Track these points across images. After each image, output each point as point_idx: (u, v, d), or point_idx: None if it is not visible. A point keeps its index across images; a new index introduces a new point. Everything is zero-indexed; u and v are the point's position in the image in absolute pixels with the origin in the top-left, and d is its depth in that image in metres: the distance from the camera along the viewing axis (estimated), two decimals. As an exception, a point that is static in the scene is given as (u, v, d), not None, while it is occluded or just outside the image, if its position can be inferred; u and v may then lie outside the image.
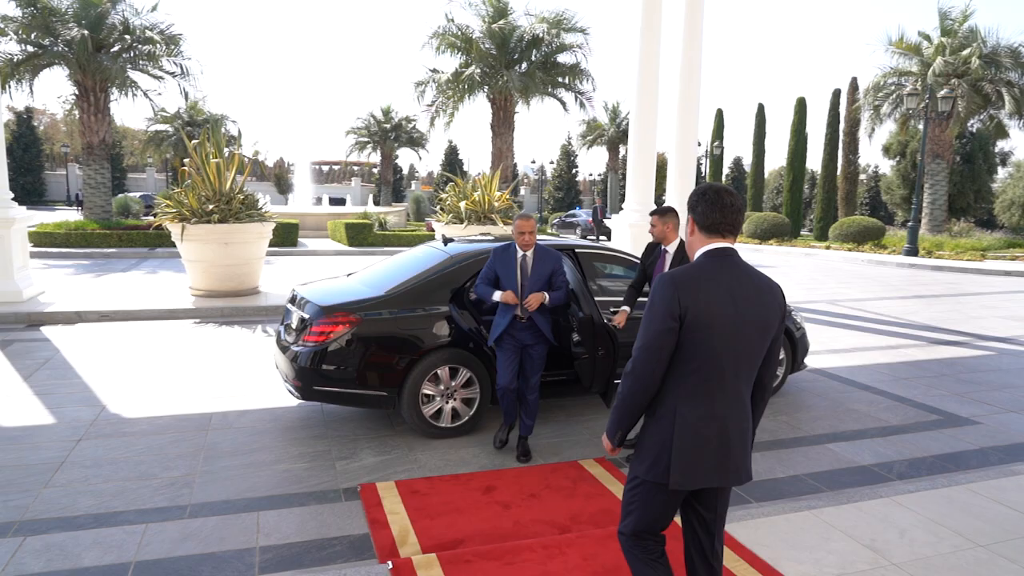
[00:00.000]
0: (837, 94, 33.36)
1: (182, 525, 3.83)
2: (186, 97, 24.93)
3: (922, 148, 23.81)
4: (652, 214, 4.82)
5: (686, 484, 2.34)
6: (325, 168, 65.97)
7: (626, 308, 5.20)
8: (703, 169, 40.24)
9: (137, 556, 3.49)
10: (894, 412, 6.24)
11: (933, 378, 7.48)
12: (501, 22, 24.64)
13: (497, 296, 4.78)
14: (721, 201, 2.36)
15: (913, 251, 22.27)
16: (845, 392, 6.86)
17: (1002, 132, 29.59)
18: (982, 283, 16.71)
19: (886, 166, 43.60)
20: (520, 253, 4.84)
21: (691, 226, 2.45)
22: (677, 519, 2.61)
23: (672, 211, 4.80)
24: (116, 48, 22.20)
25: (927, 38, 28.63)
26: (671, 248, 4.81)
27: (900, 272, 19.21)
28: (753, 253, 25.40)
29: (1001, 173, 40.66)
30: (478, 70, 24.76)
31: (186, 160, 11.43)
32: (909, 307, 12.58)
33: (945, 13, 28.08)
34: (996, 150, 38.54)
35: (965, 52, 26.45)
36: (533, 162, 54.93)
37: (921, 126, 25.48)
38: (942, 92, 24.12)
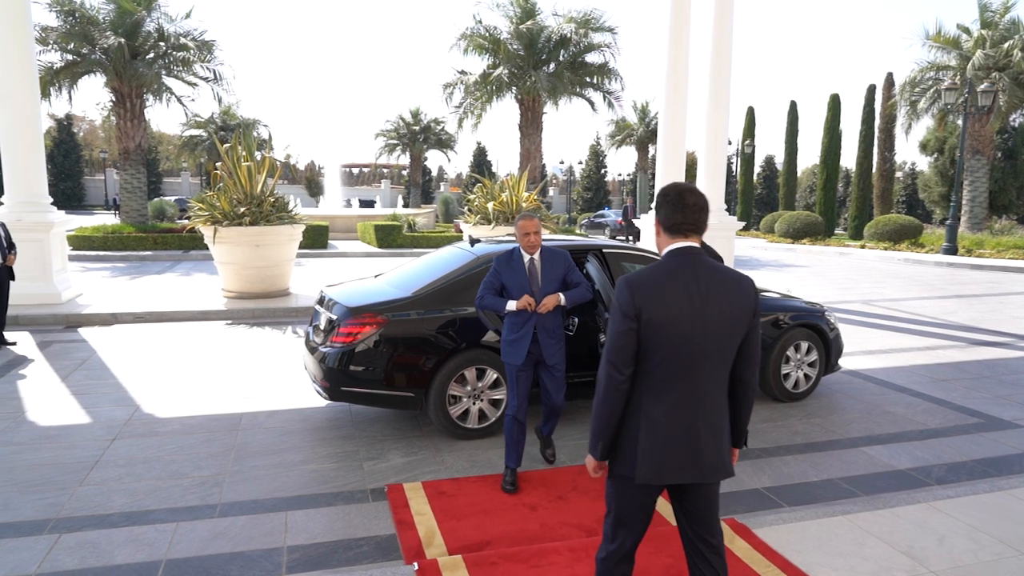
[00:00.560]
0: (872, 90, 32.68)
1: (212, 524, 3.87)
2: (219, 102, 25.39)
3: (961, 144, 23.21)
4: None
5: (652, 479, 2.38)
6: (355, 170, 66.62)
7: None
8: (734, 168, 39.78)
9: (168, 554, 3.53)
10: (932, 415, 6.08)
11: (973, 380, 7.27)
12: (529, 23, 24.62)
13: (512, 305, 4.33)
14: (683, 202, 2.42)
15: (952, 250, 21.71)
16: (881, 394, 6.69)
17: (1046, 126, 28.73)
18: (1025, 282, 16.22)
19: (923, 163, 42.67)
20: (527, 257, 4.44)
21: (657, 227, 2.52)
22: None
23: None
24: (151, 55, 22.67)
25: (966, 31, 27.92)
26: None
27: (938, 271, 18.74)
28: (785, 252, 25.01)
29: (1045, 168, 39.46)
30: (506, 71, 24.77)
31: (219, 164, 11.61)
32: (947, 307, 12.26)
33: (985, 5, 27.36)
34: (1040, 145, 37.42)
35: (1006, 45, 25.74)
36: (561, 162, 54.88)
37: (960, 121, 24.85)
38: (982, 86, 23.47)
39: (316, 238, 20.36)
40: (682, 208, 2.42)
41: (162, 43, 22.52)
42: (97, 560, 3.47)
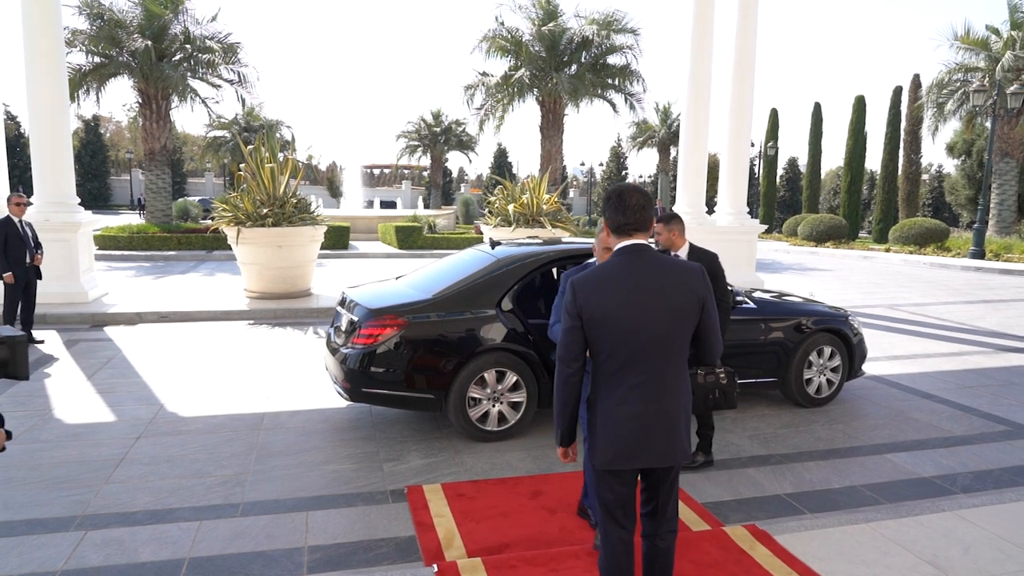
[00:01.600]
0: (898, 92, 32.25)
1: (234, 523, 3.91)
2: (243, 104, 25.71)
3: (989, 146, 22.81)
4: (657, 222, 4.66)
5: (607, 465, 2.55)
6: (376, 171, 66.98)
7: None
8: (756, 170, 39.43)
9: (191, 552, 3.58)
10: (958, 422, 5.98)
11: (1000, 387, 7.14)
12: (551, 24, 24.62)
13: None
14: (624, 203, 2.55)
15: (979, 254, 21.35)
16: (905, 400, 6.60)
17: (1077, 128, 28.11)
18: (1054, 287, 15.90)
19: (950, 166, 42.00)
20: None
21: (605, 228, 2.67)
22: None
23: (676, 217, 4.71)
24: (177, 57, 23.01)
25: (995, 32, 27.43)
26: (682, 253, 4.71)
27: (965, 276, 18.43)
28: (809, 256, 24.75)
29: (1076, 172, 38.66)
30: (527, 73, 24.80)
31: (242, 165, 11.74)
32: (974, 312, 12.05)
33: (1015, 6, 26.86)
34: (1070, 147, 36.65)
35: (1036, 45, 25.26)
36: (582, 164, 54.75)
37: (988, 123, 24.43)
38: (1012, 88, 23.04)
39: (337, 239, 20.51)
40: (624, 209, 2.55)
41: (188, 45, 22.85)
42: (122, 557, 3.52)
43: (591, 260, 4.13)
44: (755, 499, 4.38)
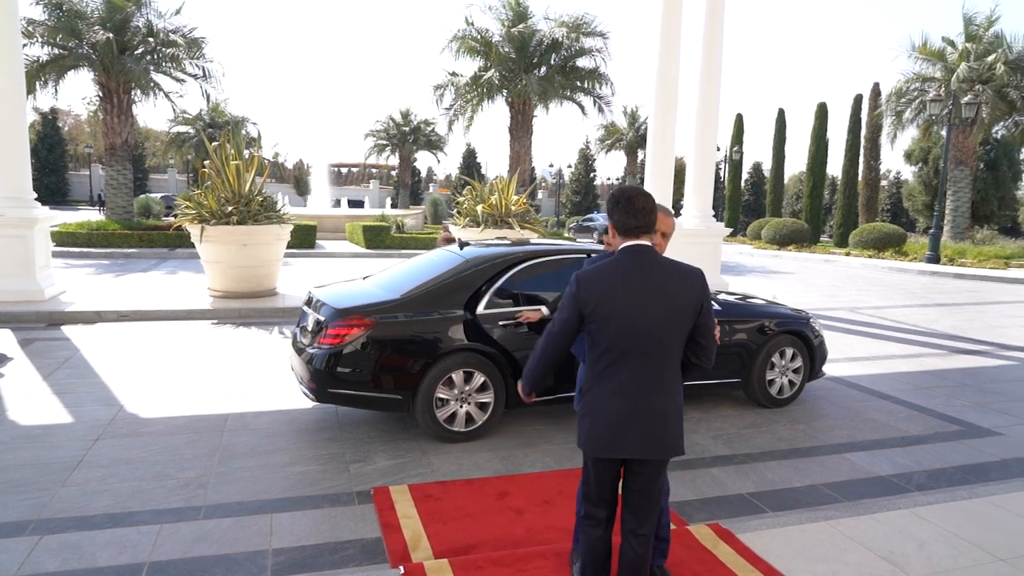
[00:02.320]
0: (859, 100, 33.05)
1: (196, 526, 3.85)
2: (208, 99, 25.22)
3: (945, 155, 23.49)
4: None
5: (595, 452, 2.69)
6: (344, 170, 66.40)
7: (543, 309, 5.24)
8: (722, 174, 39.99)
9: (151, 557, 3.51)
10: (914, 422, 6.15)
11: (954, 388, 7.36)
12: (520, 26, 24.66)
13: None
14: (633, 207, 2.66)
15: (935, 258, 21.97)
16: (864, 401, 6.76)
17: (1027, 138, 29.12)
18: (1005, 291, 16.45)
19: (908, 172, 43.07)
20: None
21: (612, 229, 2.78)
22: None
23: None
24: (140, 51, 22.49)
25: (951, 44, 28.28)
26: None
27: (921, 280, 18.95)
28: (772, 259, 25.19)
29: (1026, 180, 40.01)
30: (497, 74, 24.80)
31: (206, 162, 11.54)
32: (930, 315, 12.40)
33: (970, 18, 27.74)
34: (1021, 157, 37.90)
35: (990, 58, 26.10)
36: (551, 166, 55.01)
37: (944, 132, 25.14)
38: (966, 98, 23.78)
39: (304, 238, 20.28)
40: (634, 213, 2.66)
41: (151, 39, 22.34)
42: (79, 562, 3.44)
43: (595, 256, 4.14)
44: (718, 498, 4.45)
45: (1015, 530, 3.90)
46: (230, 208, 10.88)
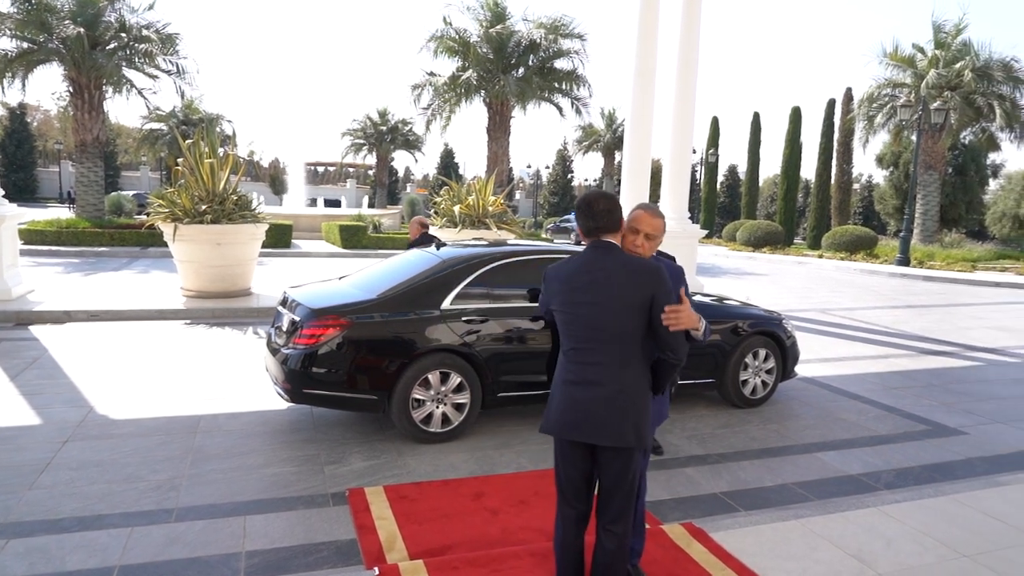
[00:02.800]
0: (832, 104, 33.56)
1: (168, 529, 3.80)
2: (182, 96, 24.90)
3: (915, 159, 23.94)
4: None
5: (550, 431, 2.86)
6: (320, 169, 65.88)
7: None
8: (698, 176, 40.34)
9: (121, 560, 3.46)
10: (883, 422, 6.26)
11: (922, 388, 7.51)
12: (499, 27, 24.68)
13: None
14: (592, 210, 2.81)
15: (905, 261, 22.38)
16: (835, 401, 6.88)
17: (993, 145, 29.80)
18: (972, 294, 16.81)
19: (879, 176, 43.77)
20: None
21: (579, 232, 2.94)
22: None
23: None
24: (112, 46, 22.13)
25: (921, 50, 28.83)
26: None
27: (891, 282, 19.30)
28: (746, 260, 25.48)
29: (992, 185, 40.90)
30: (475, 74, 24.80)
31: (180, 159, 11.39)
32: (900, 317, 12.64)
33: (939, 26, 28.30)
34: (988, 162, 38.75)
35: (958, 65, 26.65)
36: (529, 167, 55.07)
37: (914, 137, 25.63)
38: (935, 104, 24.27)
39: (279, 237, 20.08)
40: (592, 215, 2.81)
41: (123, 34, 21.99)
42: (47, 566, 3.38)
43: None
44: (692, 498, 4.50)
45: (978, 527, 3.99)
46: (204, 207, 10.75)
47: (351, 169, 60.12)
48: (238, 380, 6.77)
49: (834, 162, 34.34)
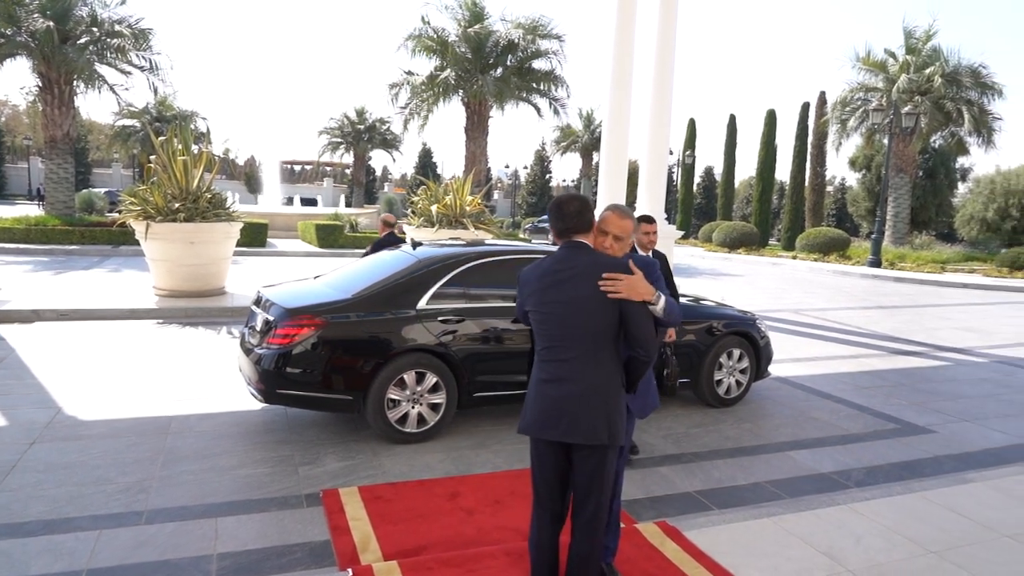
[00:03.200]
0: (806, 107, 33.99)
1: (137, 532, 3.74)
2: (155, 92, 24.55)
3: (886, 162, 24.35)
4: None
5: (525, 431, 2.88)
6: (297, 168, 65.32)
7: None
8: (675, 177, 40.65)
9: (89, 564, 3.40)
10: (854, 421, 6.36)
11: (892, 387, 7.64)
12: (477, 26, 24.67)
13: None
14: (561, 212, 2.85)
15: (876, 262, 22.75)
16: (807, 400, 6.97)
17: (962, 149, 30.40)
18: (941, 295, 17.14)
19: (852, 179, 44.43)
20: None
21: (552, 233, 2.97)
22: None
23: (643, 218, 4.96)
24: (83, 40, 21.75)
25: (892, 56, 29.33)
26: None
27: (863, 283, 19.60)
28: (722, 261, 25.72)
29: (961, 188, 41.65)
30: (453, 74, 24.75)
31: (153, 157, 11.23)
32: (871, 317, 12.84)
33: (910, 32, 28.81)
34: (957, 166, 39.53)
35: (928, 70, 27.15)
36: (507, 167, 55.07)
37: (886, 141, 26.06)
38: (906, 109, 24.71)
39: (255, 236, 19.88)
40: (562, 217, 2.85)
41: (95, 29, 21.63)
42: (11, 571, 3.31)
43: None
44: (667, 496, 4.53)
45: (945, 524, 4.07)
46: (177, 205, 10.60)
47: (328, 168, 59.69)
48: (211, 380, 6.69)
49: (808, 164, 34.80)
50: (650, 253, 5.02)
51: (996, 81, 27.52)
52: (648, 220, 5.12)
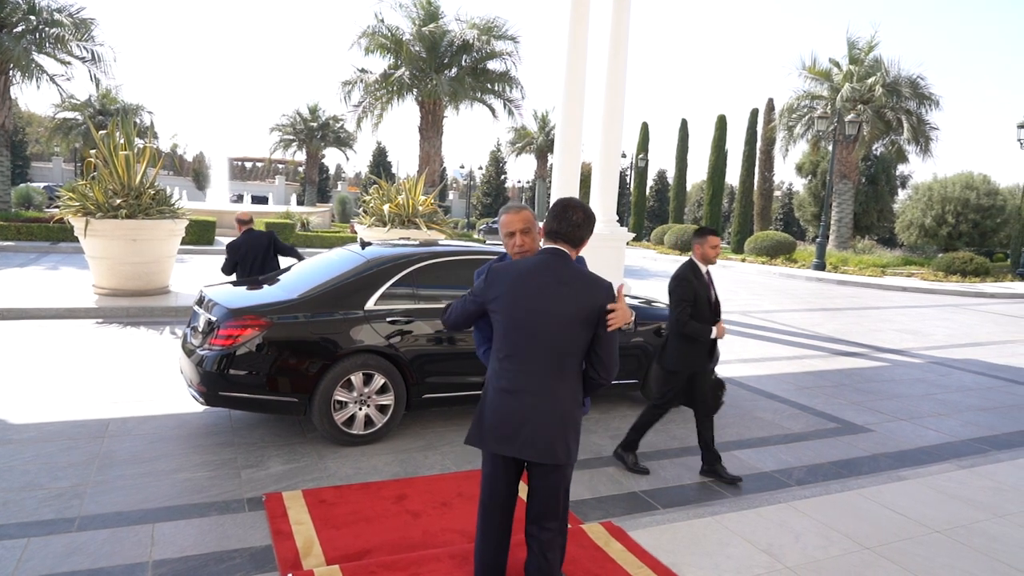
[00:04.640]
0: (755, 113, 34.76)
1: (69, 539, 3.60)
2: (97, 85, 23.73)
3: (831, 168, 25.07)
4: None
5: (475, 443, 2.77)
6: (247, 165, 63.96)
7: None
8: (628, 180, 41.15)
9: (16, 572, 3.26)
10: (797, 420, 6.52)
11: (833, 388, 7.86)
12: (431, 25, 24.53)
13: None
14: (564, 215, 2.75)
15: (821, 266, 23.40)
16: (752, 400, 7.12)
17: (902, 156, 31.53)
18: (881, 298, 17.73)
19: (799, 184, 45.61)
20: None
21: (542, 231, 2.86)
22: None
23: (708, 231, 4.89)
24: (20, 29, 20.89)
25: (837, 65, 30.25)
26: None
27: (808, 285, 20.15)
28: (674, 263, 26.10)
29: (901, 195, 43.11)
30: (407, 72, 24.57)
31: (94, 151, 10.85)
32: (815, 319, 13.20)
33: (853, 42, 29.76)
34: (897, 173, 40.89)
35: (870, 80, 28.08)
36: (462, 167, 54.89)
37: (830, 148, 26.84)
38: (849, 117, 25.50)
39: (202, 234, 19.40)
40: (561, 219, 2.74)
41: (32, 17, 20.79)
42: (-70, 582, 3.16)
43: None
44: (613, 496, 4.57)
45: (880, 520, 4.21)
46: (118, 201, 10.27)
47: (280, 165, 58.61)
48: (151, 382, 6.49)
49: (757, 169, 35.59)
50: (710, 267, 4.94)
51: (933, 92, 28.70)
52: (714, 233, 4.88)
